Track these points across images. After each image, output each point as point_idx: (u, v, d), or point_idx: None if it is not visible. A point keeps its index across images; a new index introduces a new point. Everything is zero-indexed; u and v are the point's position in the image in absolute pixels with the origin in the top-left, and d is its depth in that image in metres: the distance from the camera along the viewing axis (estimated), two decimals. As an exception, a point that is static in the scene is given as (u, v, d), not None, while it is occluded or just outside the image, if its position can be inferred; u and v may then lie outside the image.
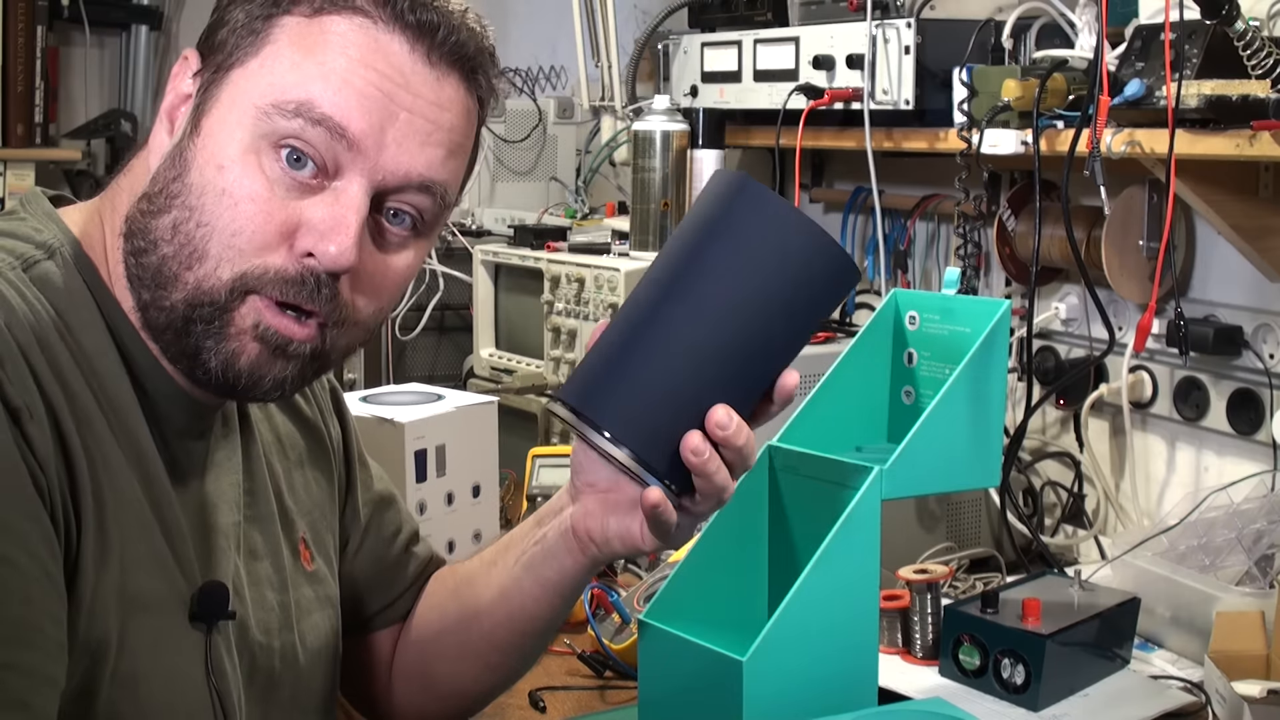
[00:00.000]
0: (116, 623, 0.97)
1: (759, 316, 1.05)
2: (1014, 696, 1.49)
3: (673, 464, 1.05)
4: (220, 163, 0.98)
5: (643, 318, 1.06)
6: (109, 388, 1.00)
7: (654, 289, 1.06)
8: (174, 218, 0.99)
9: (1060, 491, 2.11)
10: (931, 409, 1.32)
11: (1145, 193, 1.90)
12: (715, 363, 1.04)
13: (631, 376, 1.04)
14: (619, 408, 1.04)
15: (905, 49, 2.01)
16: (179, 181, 0.99)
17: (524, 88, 3.10)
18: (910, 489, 1.35)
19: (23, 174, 3.27)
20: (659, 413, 1.04)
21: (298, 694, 1.17)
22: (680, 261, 1.06)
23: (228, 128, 0.99)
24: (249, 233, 0.98)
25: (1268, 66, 1.57)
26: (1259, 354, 1.84)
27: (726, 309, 1.04)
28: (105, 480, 0.97)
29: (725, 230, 1.05)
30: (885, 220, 2.30)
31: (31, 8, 3.27)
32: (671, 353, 1.04)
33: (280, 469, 1.19)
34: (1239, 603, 1.56)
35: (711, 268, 1.05)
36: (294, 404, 1.24)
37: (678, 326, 1.04)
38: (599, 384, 1.05)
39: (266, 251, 0.98)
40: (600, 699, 1.57)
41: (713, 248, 1.05)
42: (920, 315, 1.43)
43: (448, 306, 2.68)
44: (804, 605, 1.22)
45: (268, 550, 1.15)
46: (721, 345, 1.04)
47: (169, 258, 0.99)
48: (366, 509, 1.30)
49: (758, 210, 1.05)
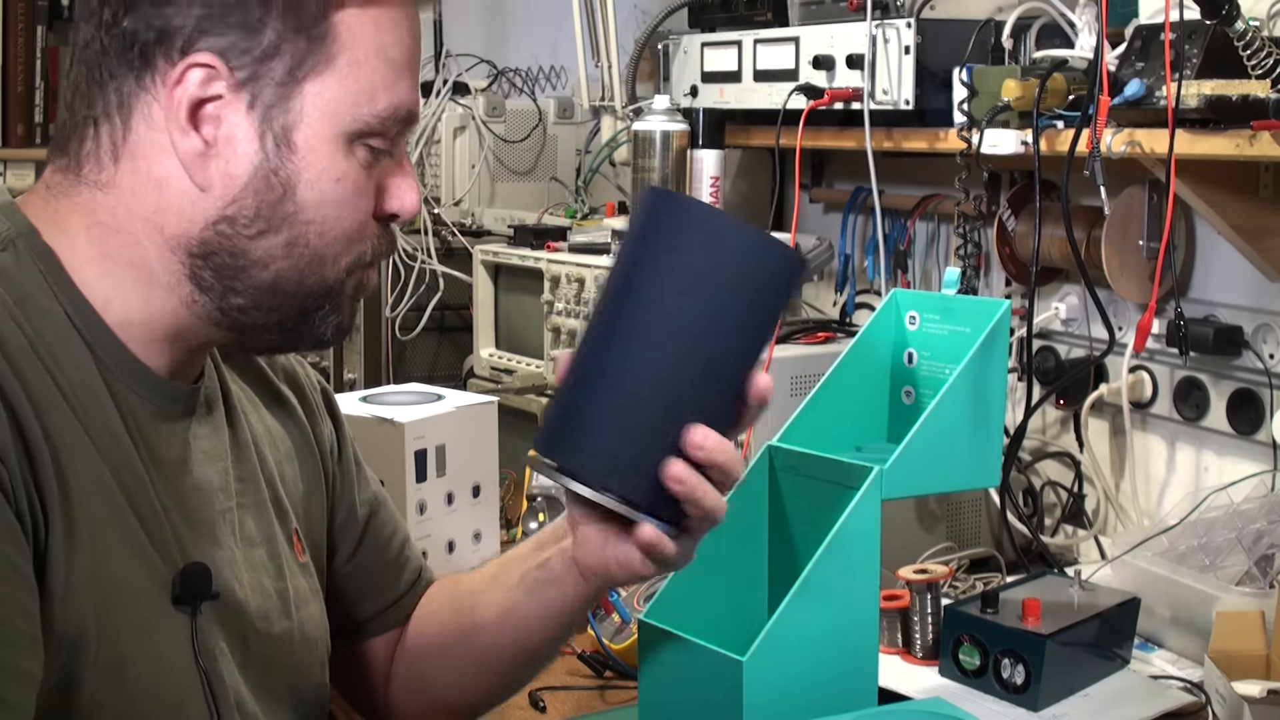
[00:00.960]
0: (94, 610, 0.96)
1: (710, 329, 1.02)
2: (1014, 696, 1.49)
3: (658, 497, 1.03)
4: (336, 175, 1.03)
5: (595, 356, 1.03)
6: (73, 377, 0.99)
7: (601, 325, 1.04)
8: (288, 236, 1.02)
9: (1060, 491, 2.11)
10: (931, 409, 1.32)
11: (1145, 193, 1.90)
12: (677, 385, 1.02)
13: (597, 418, 1.02)
14: (592, 453, 1.02)
15: (905, 49, 2.01)
16: (288, 202, 1.02)
17: (524, 88, 3.10)
18: (910, 489, 1.35)
19: (23, 174, 3.27)
20: (633, 449, 1.02)
21: (294, 682, 1.16)
22: (620, 292, 1.04)
23: (328, 141, 1.02)
24: (363, 222, 1.05)
25: (1268, 66, 1.57)
26: (1259, 354, 1.84)
27: (675, 329, 1.01)
28: (70, 468, 0.97)
29: (655, 250, 1.03)
30: (885, 220, 2.30)
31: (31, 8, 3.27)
32: (631, 386, 1.02)
33: (272, 459, 1.19)
34: (1239, 603, 1.56)
35: (650, 291, 1.02)
36: (284, 401, 1.24)
37: (631, 359, 1.02)
38: (568, 432, 1.04)
39: (370, 229, 1.07)
40: (600, 699, 1.57)
41: (646, 271, 1.03)
42: (920, 315, 1.43)
43: (448, 306, 2.68)
44: (804, 605, 1.22)
45: (263, 537, 1.15)
46: (679, 367, 1.02)
47: (285, 270, 1.03)
48: (364, 509, 1.30)
49: (683, 222, 1.02)
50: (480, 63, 3.01)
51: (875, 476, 1.27)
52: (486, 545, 1.87)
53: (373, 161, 1.05)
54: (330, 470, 1.27)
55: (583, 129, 2.90)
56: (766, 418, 1.51)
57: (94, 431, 0.99)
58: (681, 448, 1.02)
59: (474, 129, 2.81)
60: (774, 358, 2.01)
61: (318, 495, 1.25)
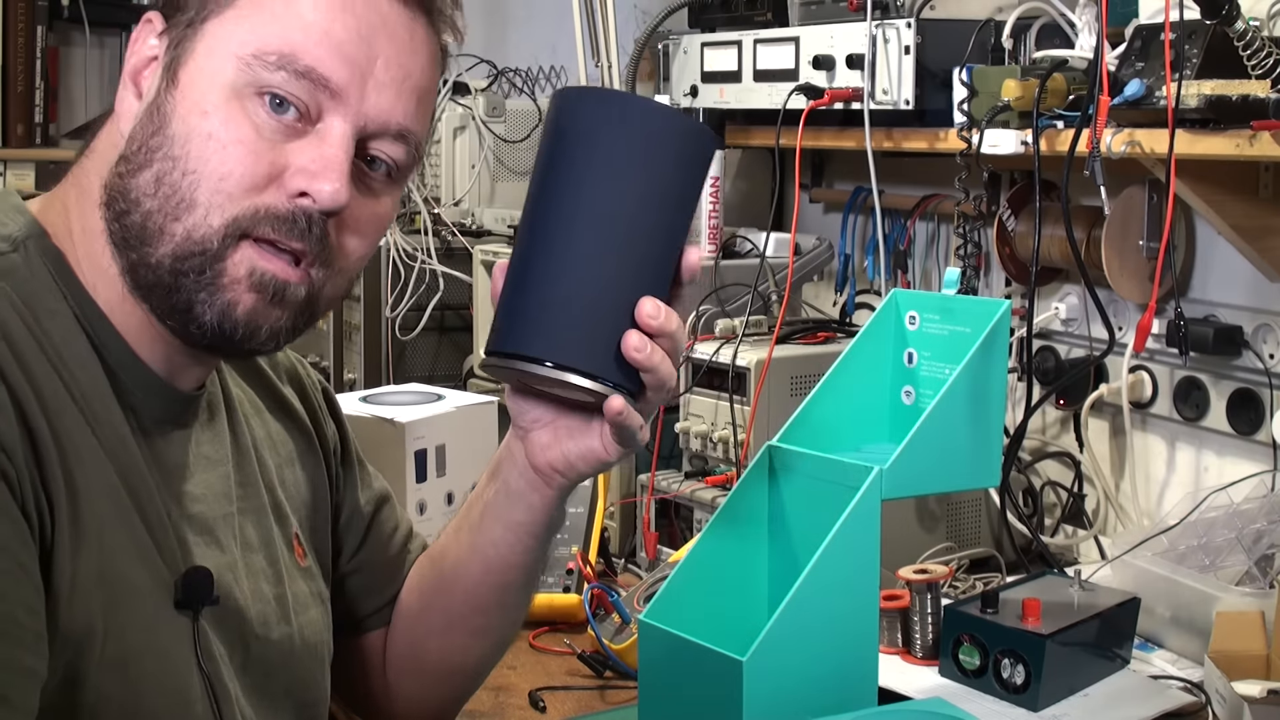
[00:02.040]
0: (100, 608, 0.96)
1: (647, 205, 1.07)
2: (1014, 696, 1.49)
3: (618, 368, 1.06)
4: (204, 109, 0.98)
5: (538, 243, 1.07)
6: (80, 377, 0.99)
7: (539, 214, 1.08)
8: (156, 171, 0.98)
9: (1060, 491, 2.11)
10: (931, 409, 1.31)
11: (1145, 193, 1.90)
12: (622, 261, 1.06)
13: (551, 302, 1.05)
14: (551, 336, 1.05)
15: (905, 49, 2.01)
16: (160, 135, 0.98)
17: (524, 88, 3.10)
18: (910, 489, 1.35)
19: (23, 174, 3.27)
20: (589, 325, 1.06)
21: (292, 688, 1.16)
22: (550, 187, 1.07)
23: (207, 75, 0.99)
24: (239, 175, 0.98)
25: (1268, 66, 1.57)
26: (1259, 354, 1.84)
27: (616, 207, 1.06)
28: (77, 469, 0.97)
29: (576, 143, 1.07)
30: (885, 220, 2.30)
31: (31, 8, 3.28)
32: (579, 265, 1.05)
33: (272, 464, 1.19)
34: (1239, 603, 1.56)
35: (584, 174, 1.06)
36: (286, 405, 1.24)
37: (575, 246, 1.06)
38: (522, 321, 1.06)
39: (256, 192, 0.98)
40: (600, 699, 1.57)
41: (574, 164, 1.06)
42: (920, 315, 1.43)
43: (448, 306, 2.68)
44: (804, 605, 1.22)
45: (261, 543, 1.15)
46: (622, 243, 1.06)
47: (153, 213, 0.98)
48: (369, 507, 1.30)
49: (607, 109, 1.07)
50: (480, 63, 3.01)
51: (875, 476, 1.27)
52: (486, 545, 1.87)
53: (275, 123, 0.98)
54: (334, 470, 1.27)
55: (583, 129, 2.90)
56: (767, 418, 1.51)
57: (101, 433, 0.99)
58: (635, 319, 1.06)
59: (474, 129, 2.81)
60: (774, 357, 2.01)
61: (322, 497, 1.25)
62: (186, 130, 0.98)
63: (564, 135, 1.07)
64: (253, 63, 0.98)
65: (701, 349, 2.08)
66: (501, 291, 1.09)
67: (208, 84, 0.99)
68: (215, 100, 0.98)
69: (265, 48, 0.98)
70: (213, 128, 0.98)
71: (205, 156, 0.97)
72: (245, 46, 0.98)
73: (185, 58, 1.00)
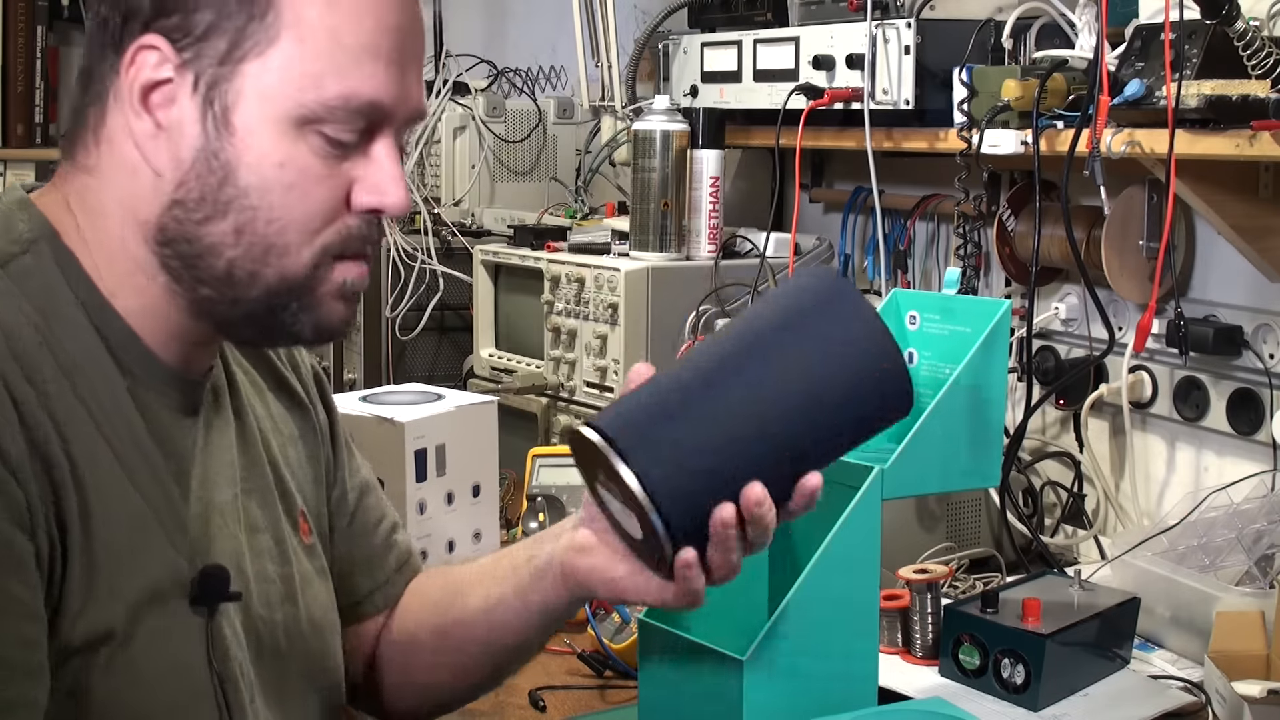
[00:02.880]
0: (114, 617, 0.97)
1: (822, 416, 1.05)
2: (1014, 696, 1.49)
3: (690, 525, 1.03)
4: (277, 160, 0.99)
5: (713, 378, 1.05)
6: (94, 381, 1.00)
7: (732, 356, 1.06)
8: (235, 222, 0.99)
9: (1060, 491, 2.11)
10: (931, 409, 1.32)
11: (1145, 193, 1.89)
12: (768, 444, 1.04)
13: (684, 429, 1.03)
14: (662, 462, 1.02)
15: (905, 49, 2.01)
16: (229, 186, 0.99)
17: (524, 88, 3.10)
18: (910, 489, 1.35)
19: (22, 174, 3.28)
20: (699, 473, 1.03)
21: (308, 667, 1.16)
22: (764, 339, 1.06)
23: (270, 123, 0.99)
24: (320, 211, 1.01)
25: (1268, 66, 1.57)
26: (1259, 354, 1.84)
27: (798, 399, 1.04)
28: (90, 480, 0.97)
29: (819, 325, 1.05)
30: (885, 220, 2.30)
31: (31, 8, 3.28)
32: (731, 420, 1.03)
33: (275, 443, 1.19)
34: (1239, 603, 1.56)
35: (796, 356, 1.05)
36: (286, 384, 1.24)
37: (749, 398, 1.04)
38: (651, 433, 1.04)
39: (336, 218, 1.02)
40: (600, 699, 1.57)
41: (803, 338, 1.05)
42: (920, 315, 1.43)
43: (448, 306, 2.68)
44: (804, 605, 1.22)
45: (267, 523, 1.15)
46: (780, 431, 1.04)
47: (238, 259, 1.00)
48: (354, 493, 1.30)
49: (849, 310, 1.06)
50: (480, 63, 3.01)
51: (875, 476, 1.27)
52: (486, 545, 1.87)
53: (333, 150, 1.00)
54: (326, 451, 1.27)
55: (583, 129, 2.90)
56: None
57: (114, 437, 1.00)
58: (739, 495, 1.03)
59: (474, 129, 2.81)
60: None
61: (319, 475, 1.26)
62: (262, 182, 0.99)
63: (814, 312, 1.06)
64: (314, 106, 0.99)
65: (701, 349, 2.08)
66: (651, 385, 1.06)
67: (274, 132, 0.99)
68: (285, 149, 0.99)
69: (324, 93, 0.99)
70: (291, 178, 0.99)
71: (289, 204, 1.00)
72: (304, 91, 0.98)
73: (234, 101, 0.99)
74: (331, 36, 0.99)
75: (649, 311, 2.17)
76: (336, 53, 0.99)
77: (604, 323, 2.18)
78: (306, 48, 0.98)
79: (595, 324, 2.20)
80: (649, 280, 2.17)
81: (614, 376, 2.17)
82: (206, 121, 0.99)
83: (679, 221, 2.23)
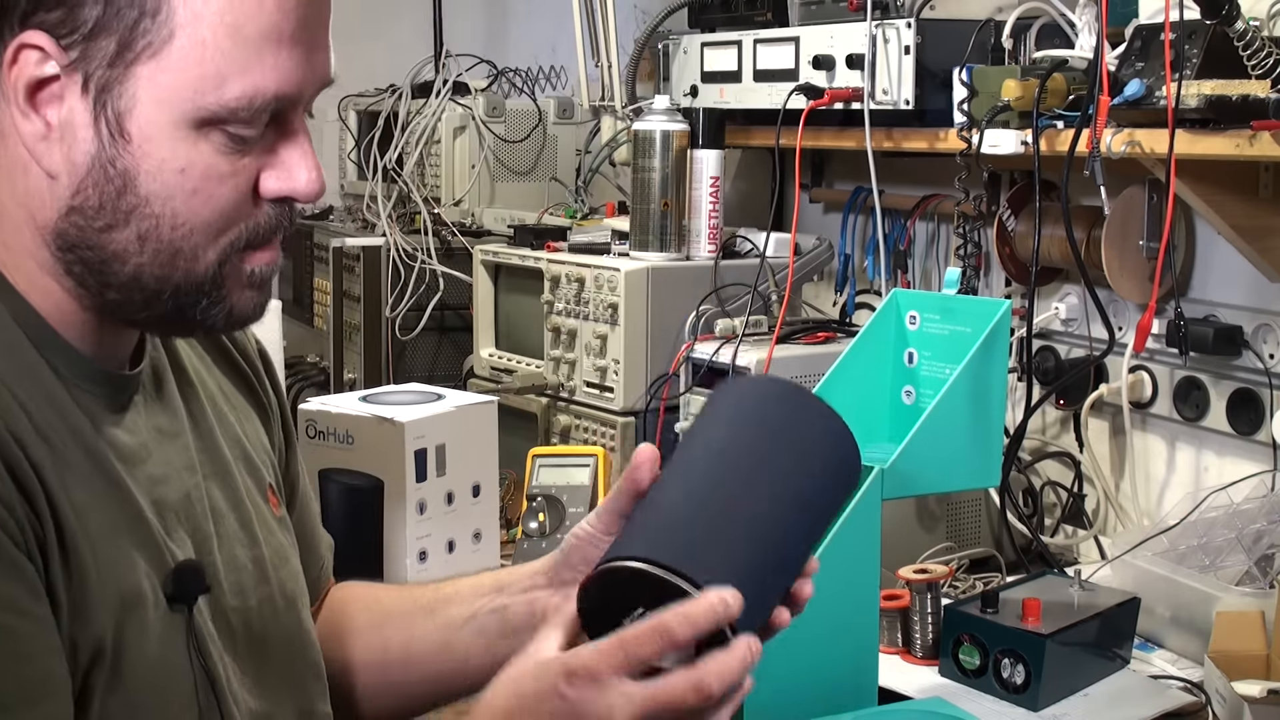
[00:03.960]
0: (101, 626, 0.95)
1: (811, 513, 1.04)
2: (1014, 696, 1.49)
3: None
4: (179, 166, 0.94)
5: (731, 497, 1.01)
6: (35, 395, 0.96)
7: (744, 474, 1.03)
8: (137, 230, 0.95)
9: (1060, 491, 2.11)
10: (931, 409, 1.32)
11: (1145, 193, 1.90)
12: (788, 573, 1.03)
13: (730, 563, 0.99)
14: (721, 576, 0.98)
15: (905, 49, 2.01)
16: (130, 195, 0.94)
17: (524, 88, 3.10)
18: (910, 489, 1.35)
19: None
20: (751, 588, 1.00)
21: (290, 645, 1.14)
22: (756, 454, 1.03)
23: (169, 129, 0.93)
24: (226, 210, 0.96)
25: (1268, 66, 1.57)
26: (1259, 354, 1.84)
27: (795, 503, 1.03)
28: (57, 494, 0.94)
29: (776, 441, 1.03)
30: (885, 220, 2.30)
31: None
32: (748, 535, 1.00)
33: (232, 418, 1.16)
34: (1239, 603, 1.56)
35: (782, 466, 1.03)
36: (232, 360, 1.21)
37: (762, 514, 1.01)
38: (704, 553, 0.98)
39: (244, 216, 0.97)
40: (600, 699, 1.56)
41: (763, 458, 1.03)
42: (920, 315, 1.43)
43: (448, 306, 2.68)
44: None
45: (231, 504, 1.11)
46: (790, 553, 1.03)
47: (145, 265, 0.96)
48: (296, 476, 1.28)
49: (819, 416, 1.04)
50: (480, 63, 3.01)
51: (875, 476, 1.27)
52: (486, 545, 1.87)
53: (237, 146, 0.95)
54: (278, 428, 1.25)
55: (583, 129, 2.90)
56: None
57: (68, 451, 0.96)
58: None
59: (474, 129, 2.81)
60: (774, 357, 2.01)
61: (279, 449, 1.24)
62: (164, 189, 0.95)
63: (778, 432, 1.03)
64: (215, 108, 0.93)
65: (701, 349, 2.08)
66: (677, 507, 1.01)
67: (172, 137, 0.94)
68: (186, 153, 0.94)
69: (225, 95, 0.93)
70: (194, 183, 0.95)
71: (194, 209, 0.95)
72: (204, 95, 0.93)
73: (128, 107, 0.93)
74: (230, 30, 0.92)
75: (649, 311, 2.17)
76: (237, 48, 0.92)
77: (604, 323, 2.18)
78: (204, 45, 0.92)
79: (595, 324, 2.20)
80: (649, 280, 2.17)
81: (614, 376, 2.17)
82: (100, 126, 0.94)
83: (679, 221, 2.23)
